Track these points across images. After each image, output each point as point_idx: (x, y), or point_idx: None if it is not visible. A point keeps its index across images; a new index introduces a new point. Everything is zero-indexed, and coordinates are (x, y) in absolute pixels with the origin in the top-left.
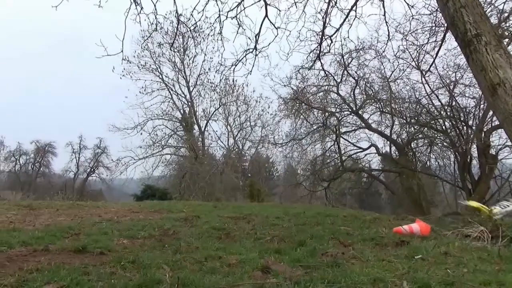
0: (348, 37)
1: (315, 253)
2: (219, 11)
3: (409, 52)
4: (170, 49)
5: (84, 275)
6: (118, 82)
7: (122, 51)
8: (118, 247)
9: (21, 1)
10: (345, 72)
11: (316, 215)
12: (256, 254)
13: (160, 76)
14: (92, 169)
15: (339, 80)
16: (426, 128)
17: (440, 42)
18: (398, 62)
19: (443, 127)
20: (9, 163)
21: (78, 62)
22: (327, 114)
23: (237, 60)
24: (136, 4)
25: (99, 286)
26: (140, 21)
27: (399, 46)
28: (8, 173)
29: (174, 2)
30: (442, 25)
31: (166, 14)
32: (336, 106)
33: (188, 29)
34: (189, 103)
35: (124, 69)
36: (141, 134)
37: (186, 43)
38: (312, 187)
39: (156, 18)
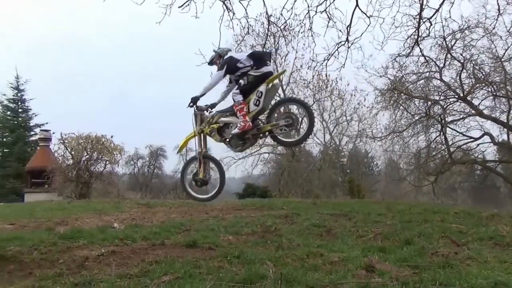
0: (449, 17)
1: (424, 252)
2: (308, 7)
3: None
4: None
5: (196, 268)
6: None
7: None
8: (224, 243)
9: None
10: (449, 55)
11: (423, 211)
12: (359, 252)
13: None
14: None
15: (441, 65)
16: None
17: None
18: None
19: None
20: (129, 167)
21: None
22: (430, 103)
23: (329, 54)
24: (229, 10)
25: (209, 278)
26: (233, 27)
27: None
28: (129, 175)
29: (264, 4)
30: None
31: (256, 17)
32: (440, 93)
33: (279, 29)
34: None
35: None
36: None
37: (277, 42)
38: (417, 182)
39: (247, 21)
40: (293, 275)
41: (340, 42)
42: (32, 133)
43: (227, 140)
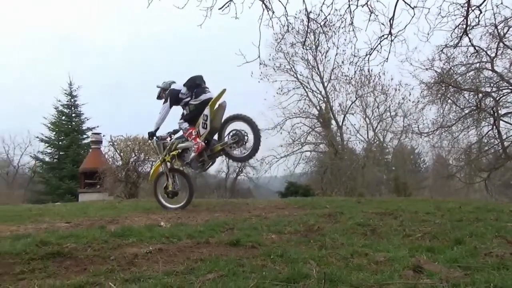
0: (501, 3)
1: (476, 252)
2: (349, 1)
3: None
4: (303, 48)
5: (239, 266)
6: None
7: (259, 56)
8: (267, 242)
9: None
10: (501, 44)
11: (474, 210)
12: (406, 252)
13: (295, 75)
14: (240, 169)
15: (493, 55)
16: None
17: None
18: None
19: None
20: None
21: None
22: (480, 95)
23: (371, 49)
24: (268, 9)
25: (253, 277)
26: (272, 25)
27: None
28: None
29: (303, 1)
30: None
31: (296, 14)
32: (492, 84)
33: (319, 25)
34: (325, 99)
35: (262, 73)
36: (281, 133)
37: (318, 39)
38: (468, 178)
39: (287, 19)
40: (337, 275)
41: (383, 35)
42: (85, 136)
43: (188, 163)
